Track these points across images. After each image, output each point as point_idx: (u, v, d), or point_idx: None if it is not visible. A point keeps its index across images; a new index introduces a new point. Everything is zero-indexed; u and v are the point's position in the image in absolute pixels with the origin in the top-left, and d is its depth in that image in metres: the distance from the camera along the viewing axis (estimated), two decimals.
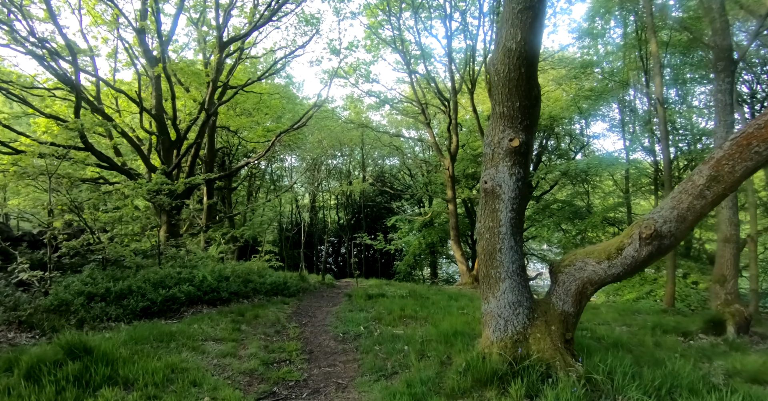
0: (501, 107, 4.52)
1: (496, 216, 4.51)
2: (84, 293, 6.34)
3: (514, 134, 4.47)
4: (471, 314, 8.08)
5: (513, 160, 4.46)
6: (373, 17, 20.43)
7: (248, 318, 6.85)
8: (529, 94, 4.51)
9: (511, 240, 4.53)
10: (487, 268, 4.62)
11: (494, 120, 4.60)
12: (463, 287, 18.80)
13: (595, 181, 25.39)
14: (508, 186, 4.46)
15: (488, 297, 4.68)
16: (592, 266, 4.50)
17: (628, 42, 20.01)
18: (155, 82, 13.39)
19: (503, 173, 4.47)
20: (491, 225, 4.53)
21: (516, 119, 4.48)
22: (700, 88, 20.93)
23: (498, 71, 4.48)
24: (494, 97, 4.61)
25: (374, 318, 7.32)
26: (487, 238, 4.57)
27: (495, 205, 4.51)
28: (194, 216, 18.39)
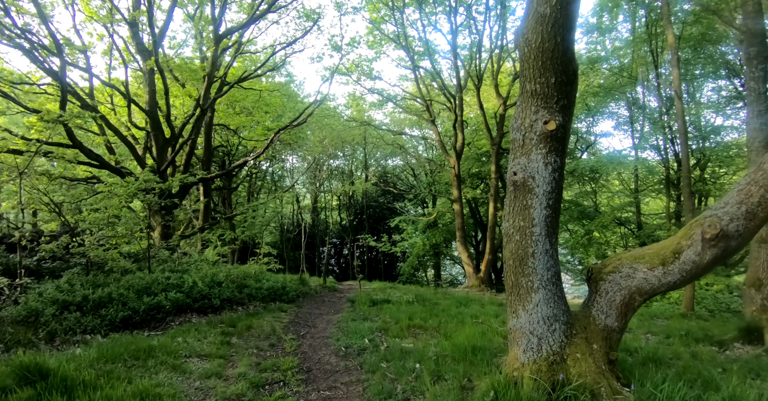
0: (533, 84, 3.83)
1: (528, 214, 3.81)
2: (58, 301, 5.66)
3: (550, 115, 3.77)
4: (486, 323, 7.37)
5: (548, 146, 3.76)
6: (376, 12, 19.78)
7: (240, 329, 6.16)
8: (567, 68, 3.82)
9: (546, 243, 3.83)
10: (517, 276, 3.92)
11: (524, 100, 3.90)
12: (469, 290, 18.11)
13: (602, 180, 24.69)
14: (543, 178, 3.76)
15: (517, 310, 3.98)
16: (642, 273, 3.80)
17: (638, 37, 19.33)
18: (148, 77, 12.74)
19: (537, 163, 3.77)
20: (522, 225, 3.83)
21: (551, 97, 3.78)
22: (709, 84, 20.25)
23: (529, 42, 3.79)
24: (524, 74, 3.92)
25: (380, 328, 6.62)
26: (516, 240, 3.87)
27: (527, 200, 3.81)
28: (191, 217, 17.74)
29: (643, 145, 21.73)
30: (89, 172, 14.12)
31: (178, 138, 12.87)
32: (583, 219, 24.13)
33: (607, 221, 21.63)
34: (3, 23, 9.81)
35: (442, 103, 21.47)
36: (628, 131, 23.62)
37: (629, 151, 22.11)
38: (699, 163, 20.01)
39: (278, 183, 31.27)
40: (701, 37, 17.57)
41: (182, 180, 9.99)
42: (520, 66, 4.01)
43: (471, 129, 24.76)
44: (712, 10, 11.23)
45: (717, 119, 20.05)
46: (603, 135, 26.83)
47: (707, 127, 19.55)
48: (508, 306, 4.13)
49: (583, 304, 4.30)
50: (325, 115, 25.04)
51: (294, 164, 30.60)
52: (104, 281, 6.76)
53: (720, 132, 19.36)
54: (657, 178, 21.48)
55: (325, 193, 31.71)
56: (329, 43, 19.80)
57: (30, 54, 10.06)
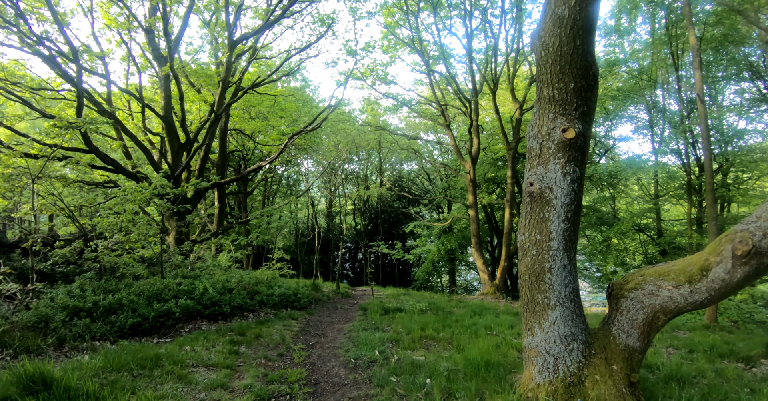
0: (550, 90, 3.66)
1: (545, 227, 3.63)
2: (68, 307, 5.65)
3: (568, 122, 3.60)
4: (501, 334, 7.16)
5: (567, 155, 3.59)
6: (391, 17, 19.73)
7: (249, 337, 6.07)
8: (586, 72, 3.65)
9: (564, 258, 3.64)
10: (533, 292, 3.74)
11: (542, 106, 3.74)
12: (485, 297, 17.82)
13: (621, 185, 24.19)
14: (561, 189, 3.58)
15: (533, 328, 3.80)
16: (667, 290, 3.59)
17: (657, 39, 18.92)
18: (164, 83, 12.86)
19: (555, 173, 3.60)
20: (539, 239, 3.65)
21: (570, 103, 3.61)
22: (731, 86, 19.71)
23: (546, 45, 3.63)
24: (541, 79, 3.75)
25: (391, 339, 6.46)
26: (533, 255, 3.69)
27: (544, 213, 3.64)
28: (206, 222, 17.85)
29: (663, 149, 21.25)
30: (106, 176, 14.31)
31: (193, 143, 12.94)
32: (602, 225, 23.66)
33: (626, 228, 21.14)
34: (21, 30, 10.00)
35: (457, 107, 21.29)
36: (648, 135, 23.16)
37: (649, 155, 21.63)
38: (721, 168, 19.49)
39: (293, 187, 31.38)
40: (723, 38, 17.17)
41: (196, 185, 10.00)
42: (536, 71, 3.85)
43: (486, 134, 24.53)
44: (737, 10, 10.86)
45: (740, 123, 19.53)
46: (622, 139, 26.32)
47: (729, 131, 19.03)
48: (523, 322, 3.95)
49: (602, 322, 4.09)
50: (340, 120, 25.06)
51: (309, 168, 30.70)
52: (116, 286, 6.75)
53: (743, 136, 18.84)
54: (678, 183, 20.96)
55: (340, 197, 31.72)
56: (344, 48, 19.73)
57: (48, 60, 10.22)
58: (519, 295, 15.20)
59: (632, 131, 24.54)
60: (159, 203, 8.38)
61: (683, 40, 18.30)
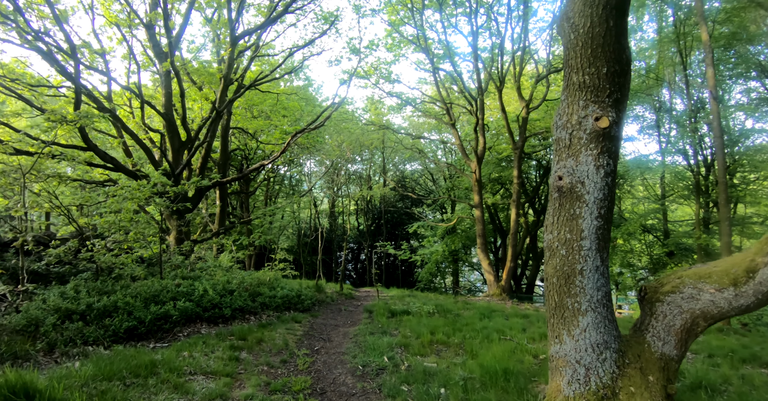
0: (580, 75, 3.35)
1: (576, 225, 3.31)
2: (61, 309, 5.35)
3: (601, 110, 3.28)
4: (513, 338, 6.84)
5: (600, 146, 3.27)
6: (395, 14, 19.43)
7: (251, 342, 5.75)
8: (620, 56, 3.34)
9: (597, 259, 3.33)
10: (561, 296, 3.42)
11: (571, 94, 3.42)
12: (491, 298, 17.49)
13: (627, 186, 23.85)
14: (594, 183, 3.26)
15: (561, 335, 3.47)
16: (709, 294, 3.26)
17: (665, 36, 18.59)
18: (164, 80, 12.58)
19: (587, 166, 3.28)
20: (569, 237, 3.33)
21: (603, 90, 3.30)
22: (738, 86, 19.38)
23: (575, 27, 3.32)
24: (570, 64, 3.44)
25: (400, 344, 6.14)
26: (562, 255, 3.37)
27: (575, 209, 3.32)
28: (207, 221, 17.57)
29: (670, 149, 20.92)
30: (106, 175, 14.03)
31: (194, 141, 12.65)
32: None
33: (633, 229, 20.79)
34: (20, 25, 9.74)
35: (462, 106, 20.97)
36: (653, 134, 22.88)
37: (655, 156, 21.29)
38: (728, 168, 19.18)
39: (296, 187, 31.10)
40: (732, 36, 16.88)
41: (197, 183, 9.71)
42: (564, 55, 3.54)
43: (491, 133, 24.19)
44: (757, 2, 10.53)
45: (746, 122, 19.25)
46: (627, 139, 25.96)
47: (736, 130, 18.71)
48: (549, 329, 3.63)
49: (634, 328, 3.77)
50: (343, 119, 24.77)
51: (312, 168, 30.43)
52: (111, 288, 6.45)
53: (750, 136, 18.52)
54: (684, 184, 20.64)
55: (343, 197, 31.42)
56: (347, 46, 19.46)
57: (47, 56, 9.96)
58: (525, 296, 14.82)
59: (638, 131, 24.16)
60: (159, 201, 8.09)
61: (692, 38, 17.99)
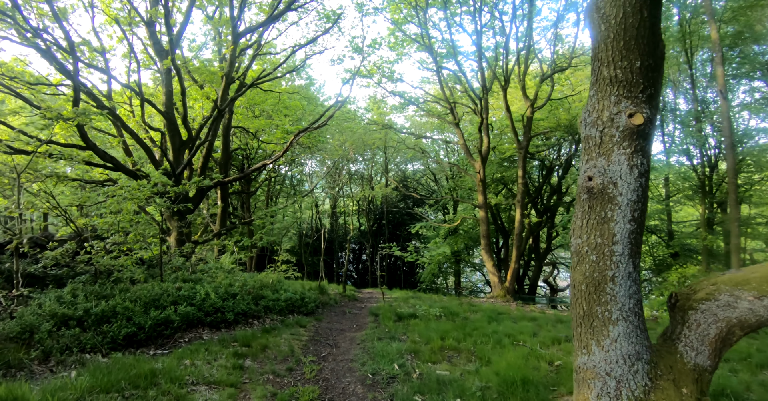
0: (612, 69, 3.12)
1: (608, 229, 3.09)
2: (57, 315, 5.13)
3: (635, 106, 3.06)
4: (527, 344, 6.62)
5: (634, 145, 3.05)
6: (398, 13, 19.22)
7: (255, 349, 5.53)
8: (654, 49, 3.12)
9: (629, 264, 3.11)
10: (590, 304, 3.20)
11: (601, 89, 3.20)
12: (495, 300, 17.28)
13: None
14: (628, 184, 3.04)
15: (589, 345, 3.25)
16: (747, 302, 3.04)
17: (670, 36, 18.39)
18: (165, 77, 12.36)
19: (620, 165, 3.06)
20: (599, 242, 3.11)
21: (636, 85, 3.08)
22: (742, 86, 19.18)
23: (607, 17, 3.10)
24: (599, 57, 3.22)
25: (409, 350, 5.92)
26: (592, 261, 3.15)
27: (606, 212, 3.10)
28: (208, 222, 17.35)
29: (674, 149, 20.73)
30: (106, 174, 13.82)
31: (195, 140, 12.44)
32: None
33: None
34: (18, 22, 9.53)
35: (466, 105, 20.75)
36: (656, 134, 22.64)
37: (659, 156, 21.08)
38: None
39: (297, 187, 30.89)
40: (737, 35, 16.73)
41: (198, 183, 9.49)
42: (593, 48, 3.31)
43: (494, 133, 23.98)
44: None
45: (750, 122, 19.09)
46: None
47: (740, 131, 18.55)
48: (575, 338, 3.41)
49: (663, 336, 3.54)
50: (345, 118, 24.56)
51: (313, 168, 30.22)
52: (110, 291, 6.23)
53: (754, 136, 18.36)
54: (688, 184, 20.45)
55: (344, 198, 31.21)
56: (350, 44, 19.24)
57: (45, 53, 9.75)
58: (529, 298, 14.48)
59: None
60: (159, 201, 7.86)
61: (698, 37, 17.80)
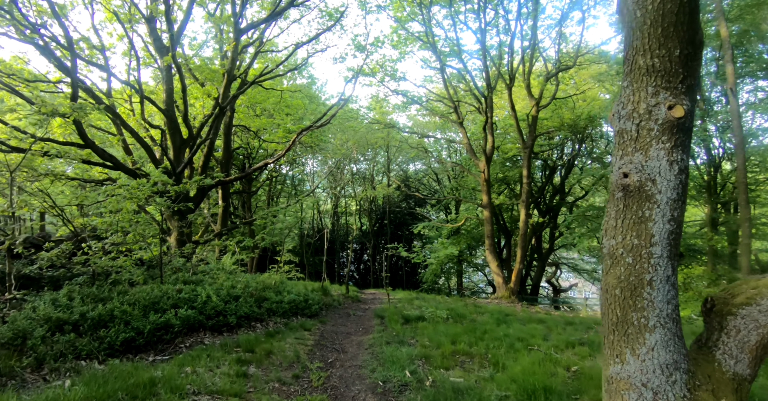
0: (649, 58, 2.89)
1: (645, 229, 2.85)
2: (51, 319, 4.89)
3: (674, 98, 2.82)
4: (540, 348, 6.38)
5: (674, 139, 2.82)
6: (401, 11, 19.00)
7: (259, 354, 5.29)
8: (693, 37, 2.89)
9: (668, 268, 2.87)
10: (625, 310, 2.96)
11: (636, 79, 2.96)
12: (499, 301, 17.06)
13: None
14: (667, 181, 2.81)
15: (623, 354, 3.02)
16: None
17: None
18: (166, 75, 12.12)
19: (659, 161, 2.82)
20: (636, 243, 2.88)
21: (675, 75, 2.84)
22: (747, 85, 18.99)
23: (643, 3, 2.87)
24: (634, 45, 2.99)
25: (420, 355, 5.68)
26: (627, 264, 2.91)
27: (643, 211, 2.86)
28: (209, 222, 17.12)
29: None
30: (105, 173, 13.59)
31: (196, 139, 12.21)
32: None
33: None
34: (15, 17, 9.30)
35: (470, 103, 20.54)
36: None
37: None
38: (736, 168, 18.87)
39: (298, 187, 30.67)
40: (742, 34, 16.59)
41: (199, 182, 9.25)
42: (626, 36, 3.08)
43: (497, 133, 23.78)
44: None
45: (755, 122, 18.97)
46: None
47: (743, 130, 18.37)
48: (606, 346, 3.18)
49: (698, 343, 3.31)
50: (348, 117, 24.34)
51: (314, 168, 30.00)
52: (108, 294, 5.99)
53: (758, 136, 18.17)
54: (693, 184, 20.25)
55: (346, 197, 30.97)
56: (352, 43, 19.02)
57: (43, 50, 9.52)
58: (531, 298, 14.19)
59: None
60: (159, 201, 7.62)
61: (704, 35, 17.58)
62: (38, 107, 6.38)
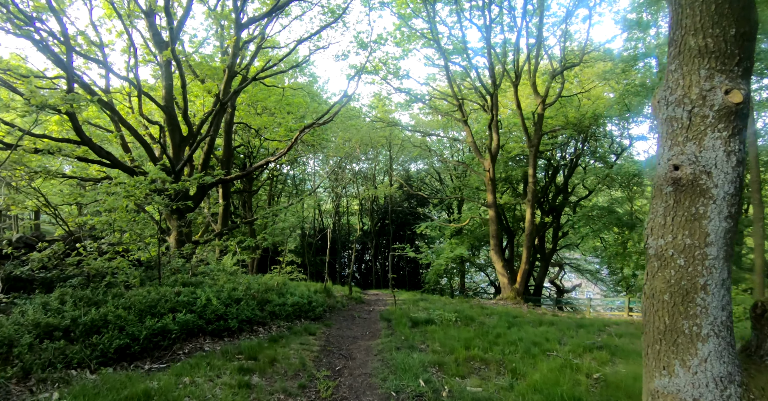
0: (701, 38, 2.59)
1: (699, 227, 2.54)
2: (40, 325, 4.57)
3: (731, 82, 2.52)
4: (558, 353, 6.07)
5: (731, 127, 2.51)
6: (405, 7, 18.69)
7: (262, 362, 4.97)
8: (749, 14, 2.60)
9: (724, 270, 2.56)
10: (674, 317, 2.66)
11: (686, 61, 2.66)
12: (505, 302, 16.75)
13: (635, 186, 23.14)
14: (725, 174, 2.50)
15: (671, 365, 2.71)
16: None
17: None
18: (165, 70, 11.81)
19: (714, 151, 2.51)
20: (689, 243, 2.57)
21: (731, 56, 2.54)
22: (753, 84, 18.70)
23: None
24: (683, 24, 2.69)
25: (433, 362, 5.37)
26: (679, 266, 2.60)
27: (697, 207, 2.55)
28: (209, 221, 16.81)
29: None
30: (103, 172, 13.28)
31: (196, 136, 11.89)
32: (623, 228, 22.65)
33: None
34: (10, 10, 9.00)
35: (474, 101, 20.24)
36: None
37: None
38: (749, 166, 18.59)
39: (299, 187, 30.36)
40: None
41: (199, 180, 8.94)
42: (674, 14, 2.78)
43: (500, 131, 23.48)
44: None
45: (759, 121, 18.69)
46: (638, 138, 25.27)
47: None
48: (650, 357, 2.87)
49: (746, 352, 3.02)
50: (350, 116, 24.04)
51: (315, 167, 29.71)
52: (103, 297, 5.67)
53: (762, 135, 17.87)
54: None
55: (348, 197, 30.66)
56: (355, 40, 18.70)
57: (39, 44, 9.22)
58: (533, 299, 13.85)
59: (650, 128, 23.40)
60: (158, 199, 7.31)
61: None
62: (28, 95, 6.05)
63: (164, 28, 11.76)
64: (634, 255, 23.23)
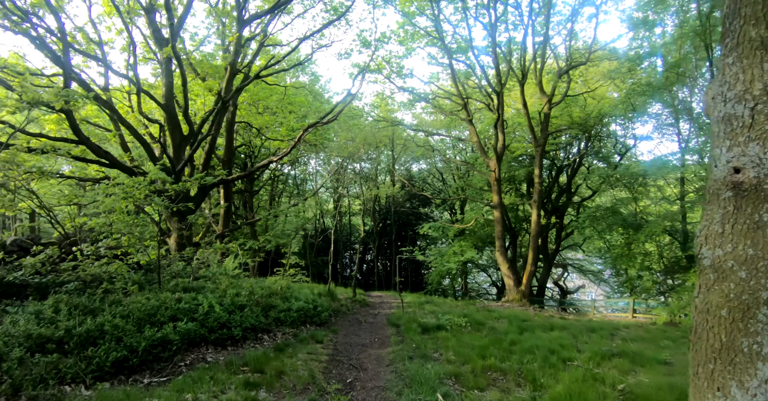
0: (763, 28, 2.32)
1: (764, 236, 2.27)
2: (32, 337, 4.31)
3: None
4: (579, 362, 5.80)
5: None
6: (409, 5, 18.43)
7: (269, 375, 4.69)
8: None
9: None
10: (733, 334, 2.38)
11: (746, 54, 2.38)
12: (511, 304, 16.50)
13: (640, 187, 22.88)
14: None
15: (727, 387, 2.43)
16: None
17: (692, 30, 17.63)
18: (165, 68, 11.55)
19: None
20: (751, 254, 2.29)
21: None
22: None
23: None
24: (742, 13, 2.40)
25: (449, 373, 5.10)
26: (741, 279, 2.33)
27: (761, 214, 2.28)
28: (210, 222, 16.53)
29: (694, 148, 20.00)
30: (102, 172, 13.01)
31: (197, 135, 11.63)
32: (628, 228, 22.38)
33: (657, 231, 19.80)
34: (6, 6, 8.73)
35: (479, 100, 19.97)
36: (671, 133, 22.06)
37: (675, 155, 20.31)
38: None
39: (300, 187, 30.08)
40: None
41: (200, 180, 8.68)
42: (730, 3, 2.51)
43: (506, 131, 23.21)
44: None
45: None
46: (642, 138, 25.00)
47: None
48: (701, 376, 2.59)
49: None
50: (352, 115, 23.78)
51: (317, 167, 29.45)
52: (99, 305, 5.40)
53: None
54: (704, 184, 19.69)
55: (350, 197, 30.38)
56: (358, 38, 18.45)
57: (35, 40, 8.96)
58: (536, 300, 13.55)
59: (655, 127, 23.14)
60: (158, 201, 7.04)
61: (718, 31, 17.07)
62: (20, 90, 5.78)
63: (164, 26, 11.50)
64: (639, 256, 22.97)
